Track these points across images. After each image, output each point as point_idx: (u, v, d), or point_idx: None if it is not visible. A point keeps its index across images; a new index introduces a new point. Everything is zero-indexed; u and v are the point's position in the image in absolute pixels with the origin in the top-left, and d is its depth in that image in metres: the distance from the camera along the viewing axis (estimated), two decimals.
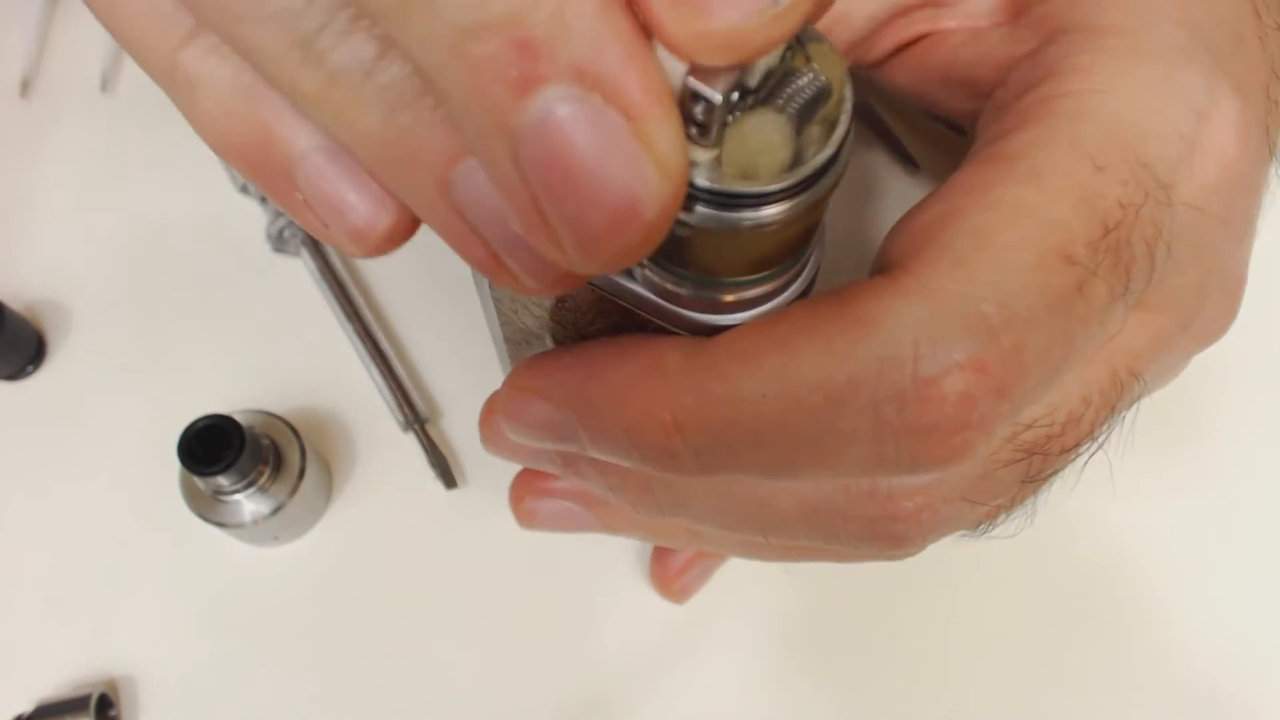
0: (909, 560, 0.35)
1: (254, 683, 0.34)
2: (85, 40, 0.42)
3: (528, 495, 0.29)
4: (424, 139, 0.15)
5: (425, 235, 0.41)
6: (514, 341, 0.26)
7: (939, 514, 0.21)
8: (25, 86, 0.42)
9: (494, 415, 0.24)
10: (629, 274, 0.20)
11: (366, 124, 0.16)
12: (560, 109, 0.13)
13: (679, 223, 0.17)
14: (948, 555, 0.35)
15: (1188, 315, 0.22)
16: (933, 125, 0.39)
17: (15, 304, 0.36)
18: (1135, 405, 0.22)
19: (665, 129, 0.14)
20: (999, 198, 0.19)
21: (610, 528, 0.29)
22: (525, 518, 0.29)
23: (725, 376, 0.18)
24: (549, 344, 0.25)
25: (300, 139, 0.17)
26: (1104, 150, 0.19)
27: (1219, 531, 0.36)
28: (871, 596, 0.35)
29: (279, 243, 0.38)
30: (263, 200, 0.38)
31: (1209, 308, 0.22)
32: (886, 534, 0.21)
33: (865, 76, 0.29)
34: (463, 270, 0.27)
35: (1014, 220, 0.18)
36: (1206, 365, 0.38)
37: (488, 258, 0.17)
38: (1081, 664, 0.34)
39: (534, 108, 0.13)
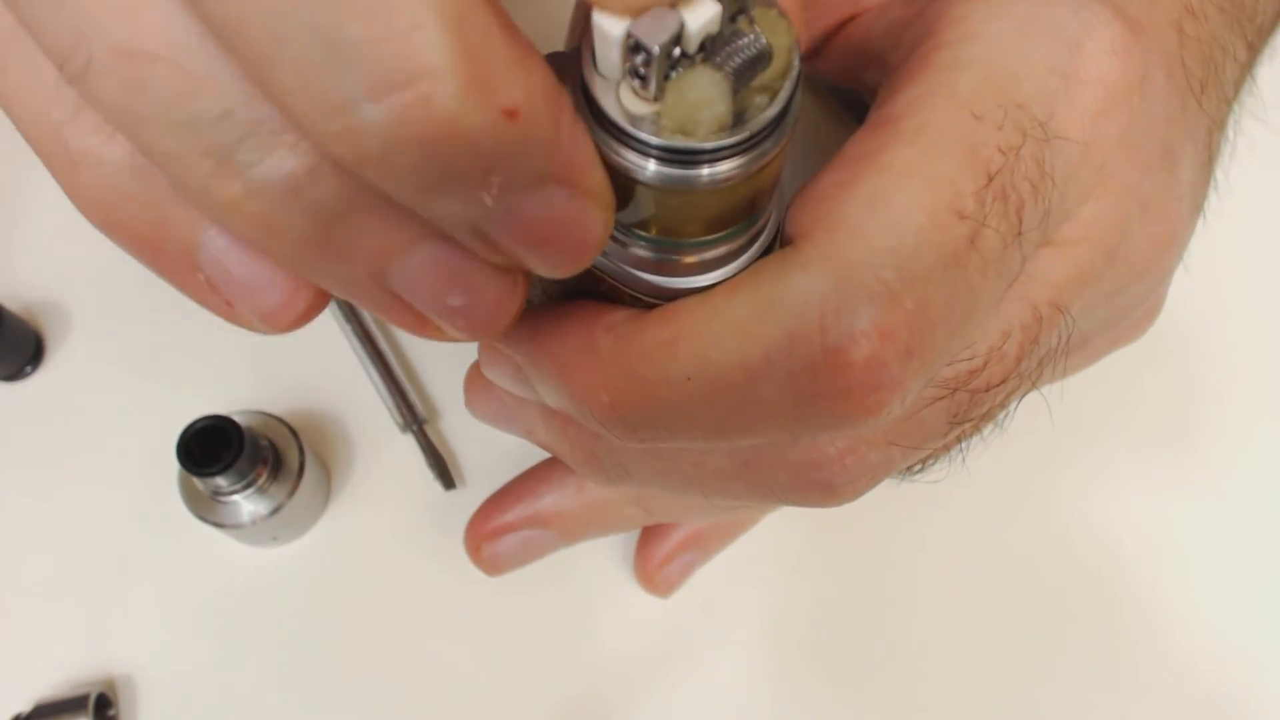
0: (906, 559, 0.35)
1: (252, 683, 0.34)
2: None
3: (483, 544, 0.30)
4: (358, 243, 0.16)
5: None
6: None
7: (865, 459, 0.22)
8: None
9: (476, 379, 0.25)
10: None
11: (291, 233, 0.15)
12: (526, 203, 0.15)
13: (635, 182, 0.17)
14: (947, 554, 0.36)
15: (1108, 245, 0.22)
16: None
17: (13, 304, 0.36)
18: (1065, 338, 0.23)
19: (598, 176, 0.16)
20: (889, 161, 0.19)
21: (568, 536, 0.30)
22: (489, 565, 0.31)
23: (652, 363, 0.19)
24: None
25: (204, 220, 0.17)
26: (979, 98, 0.19)
27: (1218, 531, 0.36)
28: (869, 596, 0.35)
29: None
30: None
31: (1132, 236, 0.22)
32: (813, 481, 0.22)
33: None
34: None
35: (904, 182, 0.19)
36: (1205, 365, 0.38)
37: (418, 323, 0.17)
38: (1080, 662, 0.34)
39: (502, 204, 0.15)
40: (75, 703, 0.32)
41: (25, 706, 0.32)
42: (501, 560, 0.31)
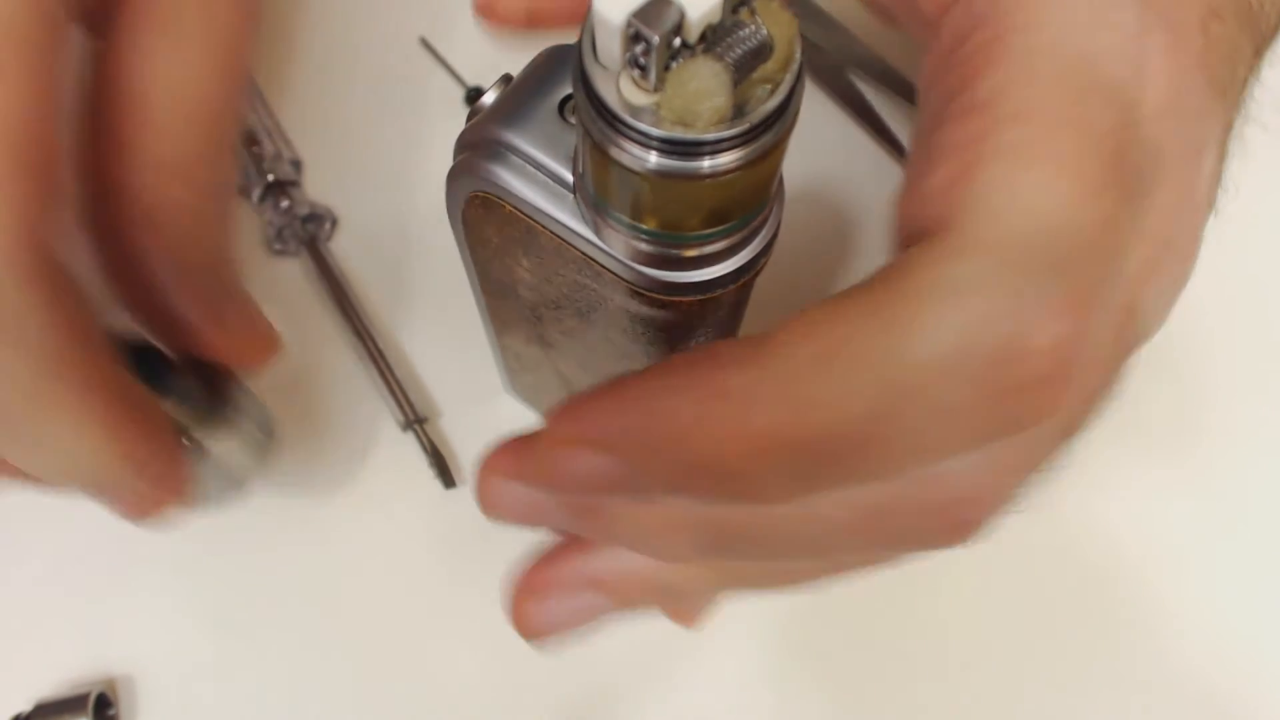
0: (907, 560, 0.35)
1: (253, 682, 0.34)
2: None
3: (529, 601, 0.25)
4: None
5: (426, 239, 0.41)
6: (490, 294, 0.27)
7: (1006, 486, 0.20)
8: None
9: (493, 478, 0.22)
10: (594, 230, 0.20)
11: None
12: None
13: (635, 174, 0.17)
14: (947, 554, 0.35)
15: (1167, 234, 0.21)
16: None
17: None
18: (1137, 339, 0.21)
19: None
20: (1000, 145, 0.18)
21: (627, 602, 0.25)
22: (538, 630, 0.25)
23: (810, 381, 0.17)
24: (521, 294, 0.25)
25: None
26: (1071, 80, 0.19)
27: (1219, 530, 0.36)
28: (871, 596, 0.35)
29: (277, 243, 0.38)
30: (259, 201, 0.38)
31: (1177, 226, 0.22)
32: (956, 521, 0.20)
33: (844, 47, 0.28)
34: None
35: (1028, 164, 0.18)
36: (1207, 366, 0.38)
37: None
38: (1081, 663, 0.34)
39: None
40: (75, 702, 0.32)
41: (25, 706, 0.32)
42: (550, 620, 0.25)
